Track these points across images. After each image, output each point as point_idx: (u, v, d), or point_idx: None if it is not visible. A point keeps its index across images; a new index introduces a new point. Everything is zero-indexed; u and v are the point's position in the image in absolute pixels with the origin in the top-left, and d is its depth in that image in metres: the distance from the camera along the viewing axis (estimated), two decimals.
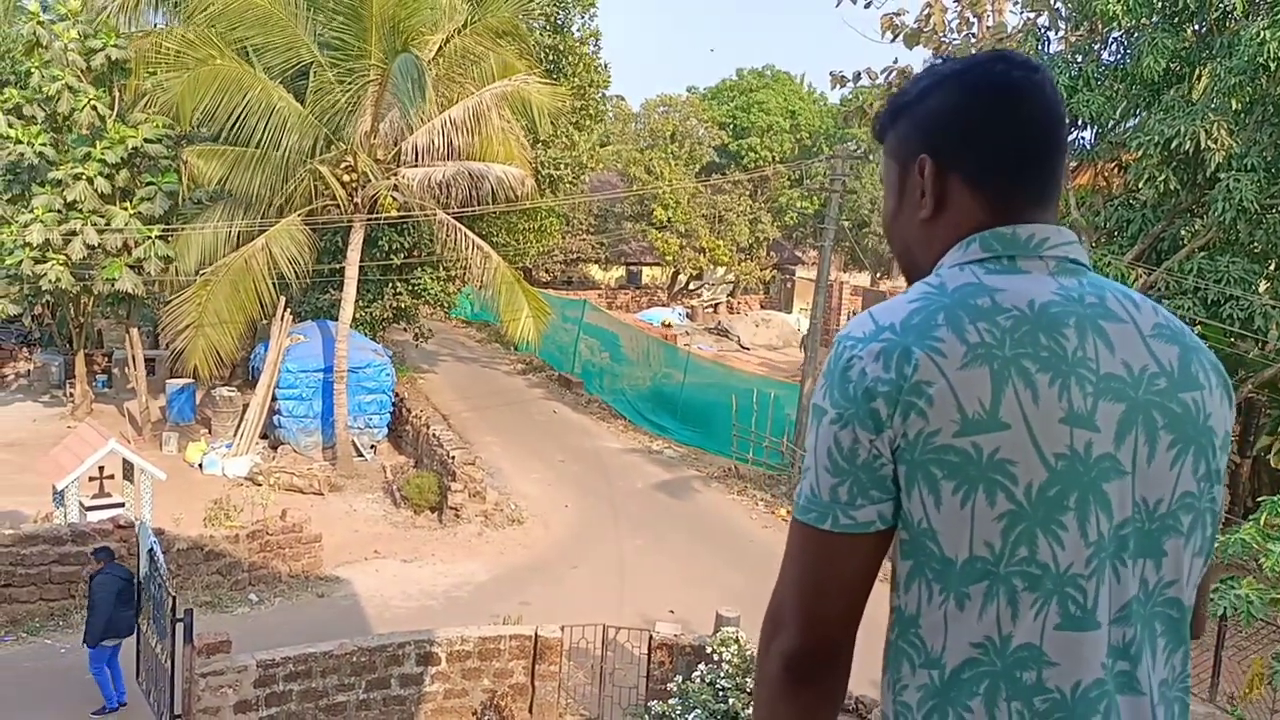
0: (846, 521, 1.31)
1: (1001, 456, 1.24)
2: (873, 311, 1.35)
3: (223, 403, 20.27)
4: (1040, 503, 1.25)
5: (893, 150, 1.49)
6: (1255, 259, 13.78)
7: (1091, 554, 1.27)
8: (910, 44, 17.84)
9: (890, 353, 1.28)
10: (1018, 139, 1.39)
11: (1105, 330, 1.31)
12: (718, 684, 9.80)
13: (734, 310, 40.99)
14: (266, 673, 9.62)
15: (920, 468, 1.27)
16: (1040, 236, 1.37)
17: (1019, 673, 1.26)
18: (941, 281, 1.35)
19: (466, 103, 18.56)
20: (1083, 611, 1.26)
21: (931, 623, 1.31)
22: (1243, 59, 11.84)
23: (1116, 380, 1.29)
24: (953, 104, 1.41)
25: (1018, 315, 1.29)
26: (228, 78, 17.39)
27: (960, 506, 1.26)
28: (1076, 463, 1.26)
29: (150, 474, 13.94)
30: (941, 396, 1.25)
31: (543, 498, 18.24)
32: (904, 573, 1.34)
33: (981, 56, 1.44)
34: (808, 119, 42.66)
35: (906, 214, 1.47)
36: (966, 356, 1.25)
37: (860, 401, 1.28)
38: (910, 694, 1.33)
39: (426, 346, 26.90)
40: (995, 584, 1.26)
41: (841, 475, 1.30)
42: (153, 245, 18.28)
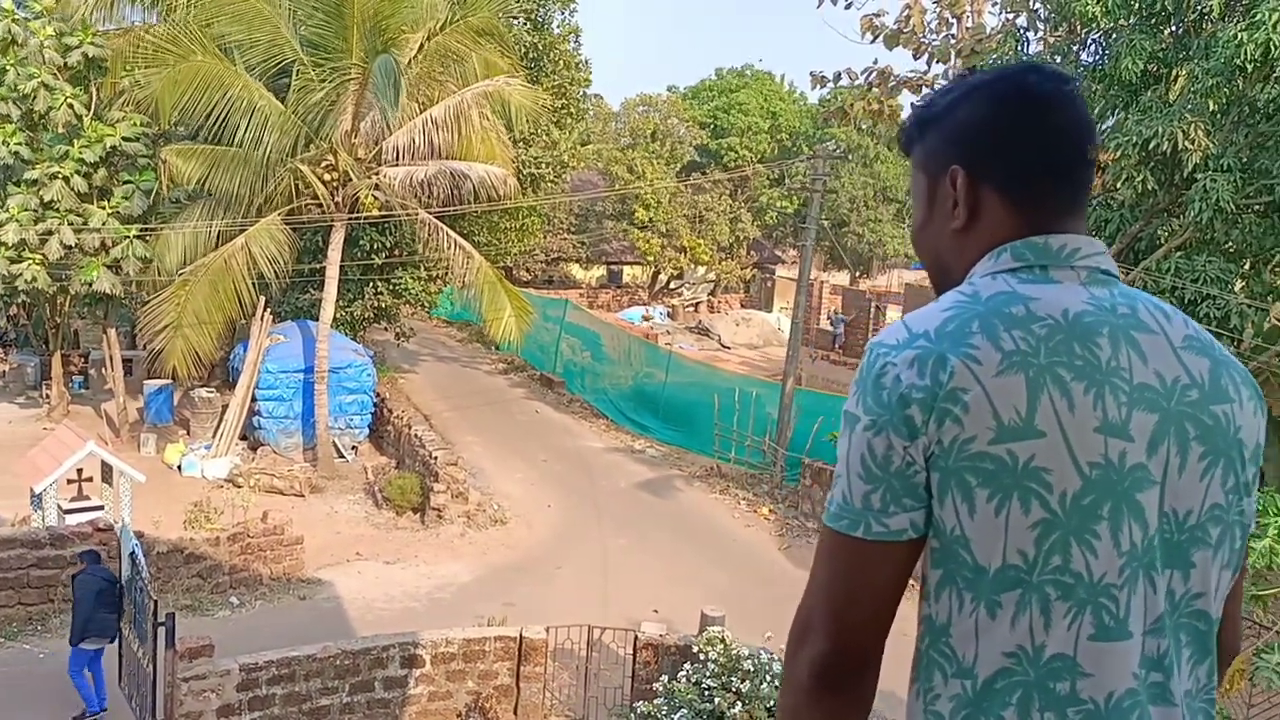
0: (879, 529, 1.30)
1: (1037, 464, 1.25)
2: (906, 320, 1.36)
3: (201, 404, 20.12)
4: (1074, 511, 1.25)
5: (921, 162, 1.50)
6: (1231, 258, 13.92)
7: (1124, 563, 1.27)
8: (890, 45, 17.88)
9: (925, 360, 1.28)
10: (1049, 149, 1.40)
11: (1138, 341, 1.32)
12: (703, 684, 9.81)
13: (714, 309, 41.05)
14: (249, 676, 9.55)
15: (954, 475, 1.27)
16: (1072, 246, 1.38)
17: (1053, 683, 1.27)
18: (975, 290, 1.36)
19: (448, 102, 18.50)
20: (1116, 621, 1.27)
21: (963, 632, 1.31)
22: (1219, 60, 11.95)
23: (1150, 391, 1.30)
24: (984, 115, 1.42)
25: (1052, 324, 1.29)
26: (208, 75, 17.23)
27: (995, 514, 1.26)
28: (1110, 472, 1.26)
29: (129, 476, 13.81)
30: (977, 403, 1.25)
31: (525, 498, 18.21)
32: (935, 581, 1.34)
33: (1012, 68, 1.45)
34: (787, 119, 42.78)
35: (937, 224, 1.48)
36: (1002, 364, 1.26)
37: (895, 408, 1.28)
38: (943, 704, 1.33)
39: (407, 346, 26.79)
40: (1028, 593, 1.26)
41: (875, 482, 1.30)
42: (131, 245, 18.10)
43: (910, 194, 1.58)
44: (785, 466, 19.49)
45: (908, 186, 38.65)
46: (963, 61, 17.37)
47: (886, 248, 39.45)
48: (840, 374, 29.44)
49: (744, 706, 9.54)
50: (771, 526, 17.64)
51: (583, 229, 39.26)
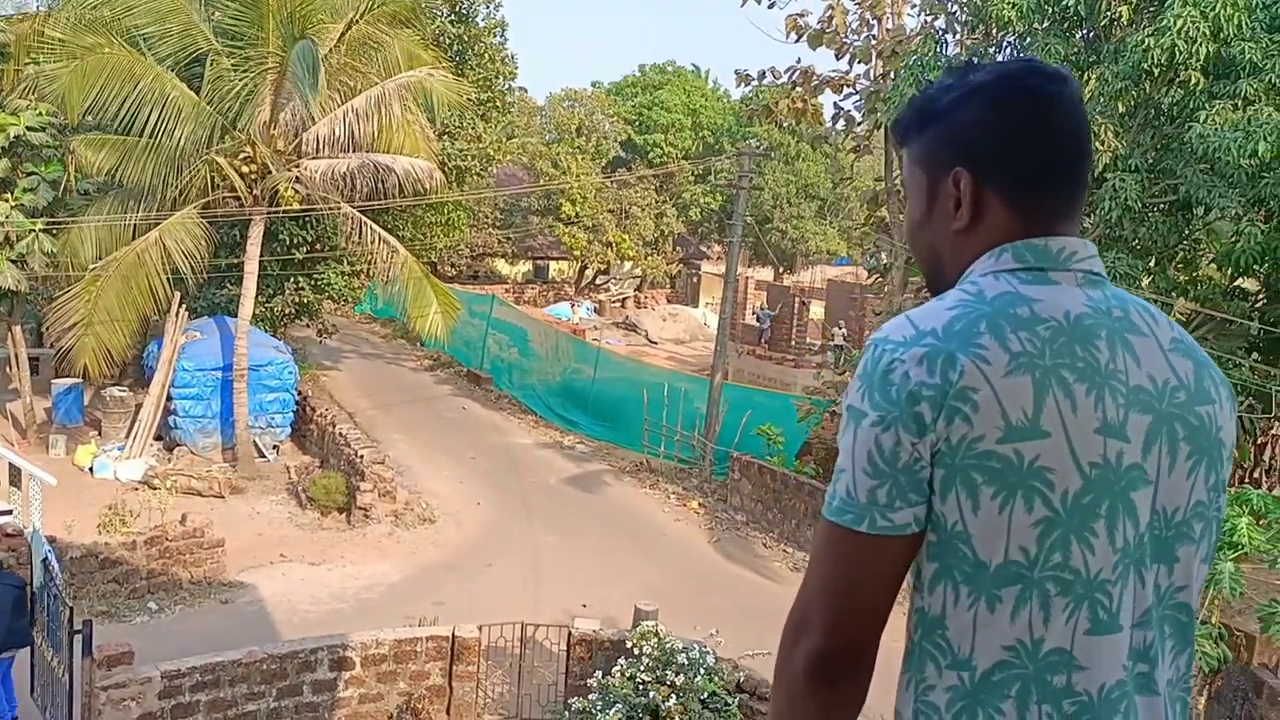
0: (884, 524, 1.32)
1: (1041, 464, 1.28)
2: (910, 316, 1.37)
3: (114, 403, 19.44)
4: (1075, 510, 1.29)
5: (920, 158, 1.51)
6: (1138, 255, 14.48)
7: (1118, 560, 1.32)
8: (814, 44, 18.20)
9: (934, 358, 1.30)
10: (1049, 152, 1.43)
11: (1131, 343, 1.36)
12: (638, 678, 9.85)
13: (641, 305, 41.18)
14: (171, 684, 9.27)
15: (960, 472, 1.29)
16: (1070, 249, 1.41)
17: (1050, 676, 1.30)
18: (980, 290, 1.38)
19: (370, 93, 18.18)
20: (1109, 615, 1.31)
21: (960, 625, 1.33)
22: (1128, 64, 12.40)
23: (1144, 393, 1.35)
24: (988, 118, 1.43)
25: (1055, 326, 1.33)
26: (118, 66, 16.59)
27: (998, 512, 1.29)
28: (1109, 472, 1.31)
29: (39, 479, 13.28)
30: (987, 403, 1.28)
31: (454, 495, 18.03)
32: (930, 574, 1.36)
33: (1013, 67, 1.46)
34: (709, 116, 43.06)
35: (937, 222, 1.49)
36: (1010, 365, 1.29)
37: (904, 405, 1.30)
38: (937, 695, 1.35)
39: (330, 343, 26.28)
40: (1028, 588, 1.30)
41: (881, 478, 1.32)
42: (36, 239, 17.39)
43: (905, 185, 1.58)
44: (714, 460, 19.67)
45: (829, 184, 39.39)
46: (883, 62, 17.76)
47: (809, 244, 40.03)
48: (767, 369, 29.81)
49: (679, 699, 9.62)
50: (701, 520, 17.78)
51: (508, 224, 38.98)
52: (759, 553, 16.48)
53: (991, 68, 1.47)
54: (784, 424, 18.72)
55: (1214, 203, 12.21)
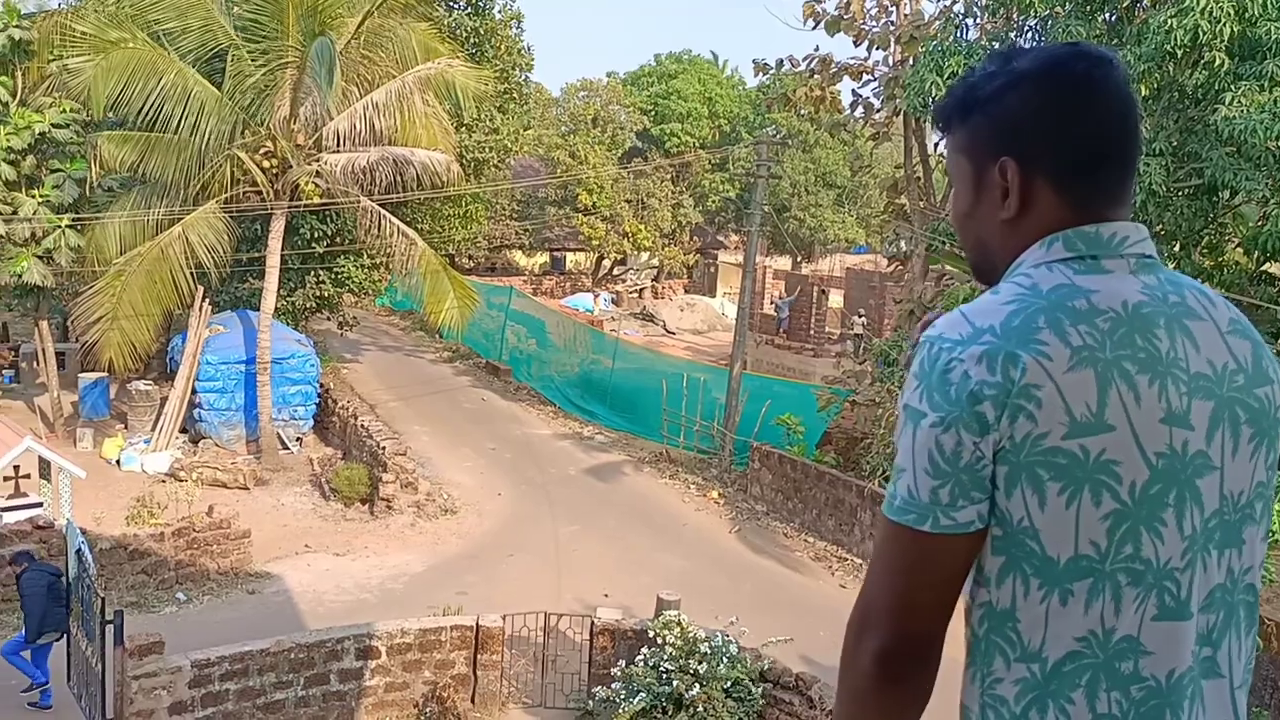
0: (947, 523, 1.32)
1: (1108, 457, 1.28)
2: (965, 312, 1.36)
3: (139, 397, 19.64)
4: (1143, 501, 1.30)
5: (965, 146, 1.49)
6: (1162, 240, 14.36)
7: (1186, 547, 1.32)
8: (831, 31, 18.11)
9: (994, 356, 1.29)
10: (1098, 137, 1.41)
11: (1190, 329, 1.36)
12: (661, 667, 9.91)
13: (658, 295, 41.16)
14: (201, 673, 9.41)
15: (1025, 469, 1.29)
16: (1121, 235, 1.39)
17: (1118, 663, 1.31)
18: (1034, 282, 1.36)
19: (389, 86, 18.23)
20: (1177, 602, 1.32)
21: (1031, 618, 1.33)
22: (1150, 46, 12.26)
23: (1204, 379, 1.35)
24: (1035, 106, 1.41)
25: (1114, 317, 1.32)
26: (141, 62, 16.75)
27: (1065, 507, 1.29)
28: (1175, 461, 1.31)
29: (69, 472, 13.46)
30: (1050, 400, 1.27)
31: (475, 486, 18.13)
32: (996, 568, 1.35)
33: (1058, 52, 1.43)
34: (725, 105, 42.90)
35: (985, 212, 1.47)
36: (1072, 360, 1.28)
37: (965, 404, 1.29)
38: (1006, 687, 1.36)
39: (350, 336, 26.43)
40: (1100, 580, 1.30)
41: (943, 477, 1.31)
42: (62, 235, 17.57)
43: (948, 174, 1.57)
44: (734, 450, 19.67)
45: (848, 172, 39.17)
46: (902, 49, 17.65)
47: (827, 232, 39.85)
48: (786, 358, 29.75)
49: (702, 688, 9.66)
50: (722, 510, 17.81)
51: (525, 215, 39.01)
52: (780, 542, 16.49)
53: (1036, 53, 1.44)
54: (804, 414, 18.70)
55: (1240, 186, 12.07)
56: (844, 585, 14.93)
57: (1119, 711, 1.31)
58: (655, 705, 9.77)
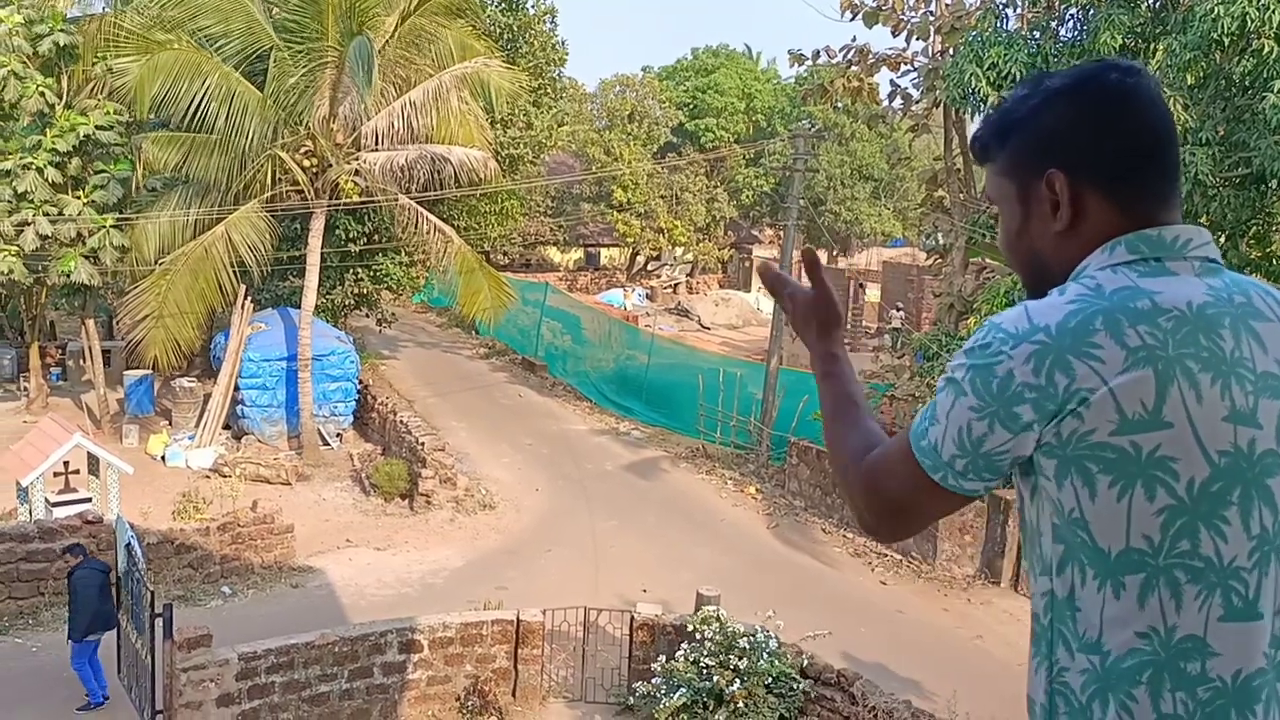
0: (954, 484, 1.42)
1: (1163, 454, 1.28)
2: (1028, 307, 1.37)
3: (183, 394, 19.97)
4: (1202, 498, 1.29)
5: (1007, 169, 1.52)
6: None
7: (1254, 547, 1.31)
8: (870, 22, 17.95)
9: (1043, 358, 1.31)
10: (1140, 144, 1.43)
11: (1256, 330, 1.36)
12: (701, 662, 9.91)
13: (693, 290, 41.10)
14: (248, 665, 9.55)
15: (1073, 462, 1.31)
16: (1185, 238, 1.40)
17: (1183, 663, 1.30)
18: (1098, 284, 1.37)
19: (426, 85, 18.35)
20: (1245, 603, 1.31)
21: (1090, 609, 1.35)
22: (1197, 34, 12.04)
23: (1273, 378, 1.35)
24: (1073, 118, 1.44)
25: (1178, 316, 1.32)
26: (186, 63, 17.00)
27: (1116, 500, 1.30)
28: (1240, 459, 1.31)
29: (117, 468, 13.70)
30: (1101, 401, 1.29)
31: (513, 481, 18.23)
32: (1057, 556, 1.37)
33: (1088, 67, 1.47)
34: (762, 99, 42.70)
35: (1037, 228, 1.49)
36: (1127, 361, 1.29)
37: (1005, 401, 1.33)
38: (1072, 677, 1.37)
39: (387, 332, 26.67)
40: (1154, 575, 1.30)
41: (964, 453, 1.38)
42: (107, 235, 17.88)
43: (994, 200, 1.59)
44: (771, 445, 19.61)
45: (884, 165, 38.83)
46: (942, 39, 17.45)
47: (863, 226, 39.55)
48: None
49: (742, 684, 9.65)
50: (759, 505, 17.76)
51: (559, 211, 39.10)
52: (818, 538, 16.42)
53: (1065, 72, 1.49)
54: None
55: None
56: (884, 582, 14.85)
57: (1184, 712, 1.30)
58: (696, 701, 9.78)
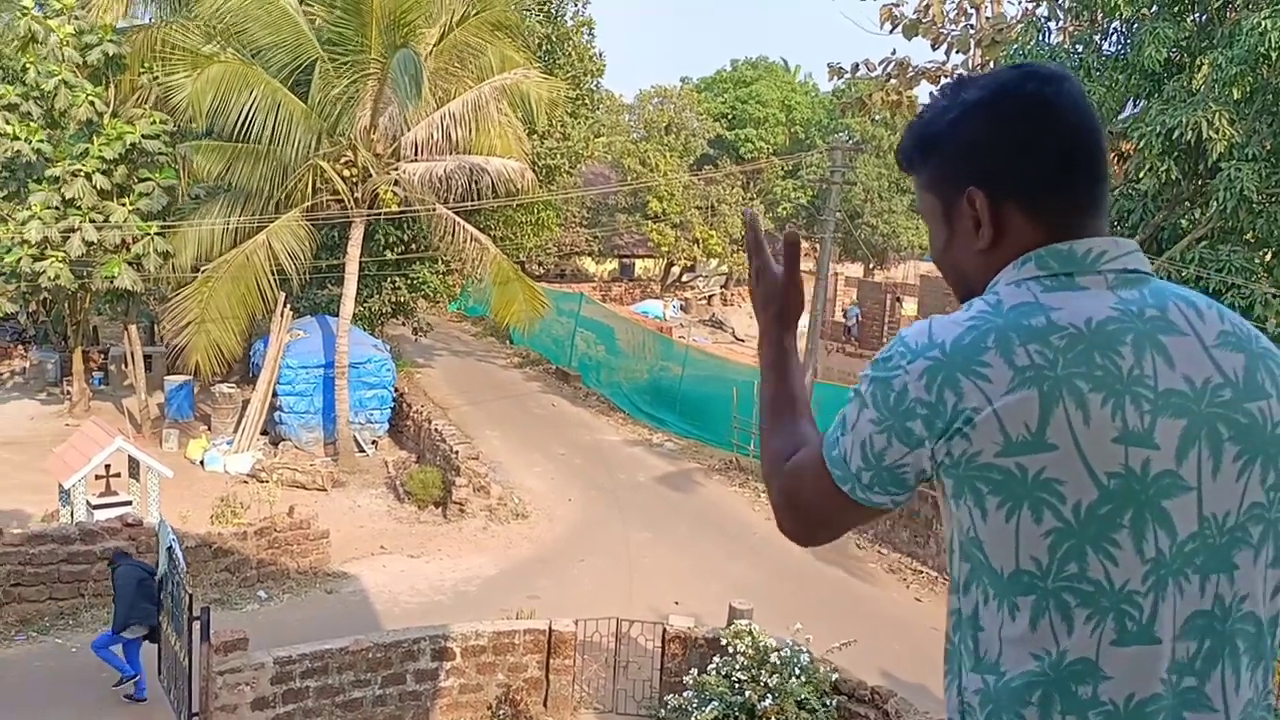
0: (862, 496, 1.41)
1: (1048, 476, 1.25)
2: (932, 322, 1.36)
3: (222, 399, 20.24)
4: (1090, 521, 1.25)
5: (930, 184, 1.49)
6: (1253, 248, 13.85)
7: (1149, 570, 1.27)
8: (909, 35, 17.89)
9: (934, 375, 1.30)
10: (1061, 155, 1.39)
11: (1165, 345, 1.30)
12: (733, 676, 9.86)
13: (727, 302, 41.05)
14: (283, 670, 9.63)
15: (966, 482, 1.30)
16: (1098, 250, 1.36)
17: (1073, 685, 1.27)
18: (999, 299, 1.35)
19: (466, 96, 18.51)
20: (1139, 627, 1.27)
21: (989, 629, 1.33)
22: (1243, 49, 11.88)
23: (1177, 395, 1.29)
24: (991, 132, 1.40)
25: (1072, 334, 1.28)
26: (234, 75, 17.28)
27: (1005, 521, 1.28)
28: (1132, 481, 1.25)
29: (157, 471, 13.90)
30: (985, 422, 1.26)
31: (546, 491, 18.27)
32: (963, 575, 1.36)
33: (1005, 76, 1.43)
34: (800, 111, 42.66)
35: (960, 245, 1.46)
36: (1014, 381, 1.26)
37: (899, 416, 1.32)
38: (970, 696, 1.35)
39: (422, 341, 26.86)
40: (1044, 597, 1.27)
41: (868, 465, 1.38)
42: (151, 241, 18.20)
43: (921, 214, 1.56)
44: None
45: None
46: (983, 52, 17.36)
47: (900, 239, 39.31)
48: (857, 366, 29.41)
49: (774, 699, 9.59)
50: None
51: (595, 222, 39.25)
52: (851, 553, 16.29)
53: (984, 80, 1.44)
54: None
55: None
56: (919, 599, 14.69)
57: None
58: (727, 715, 9.71)
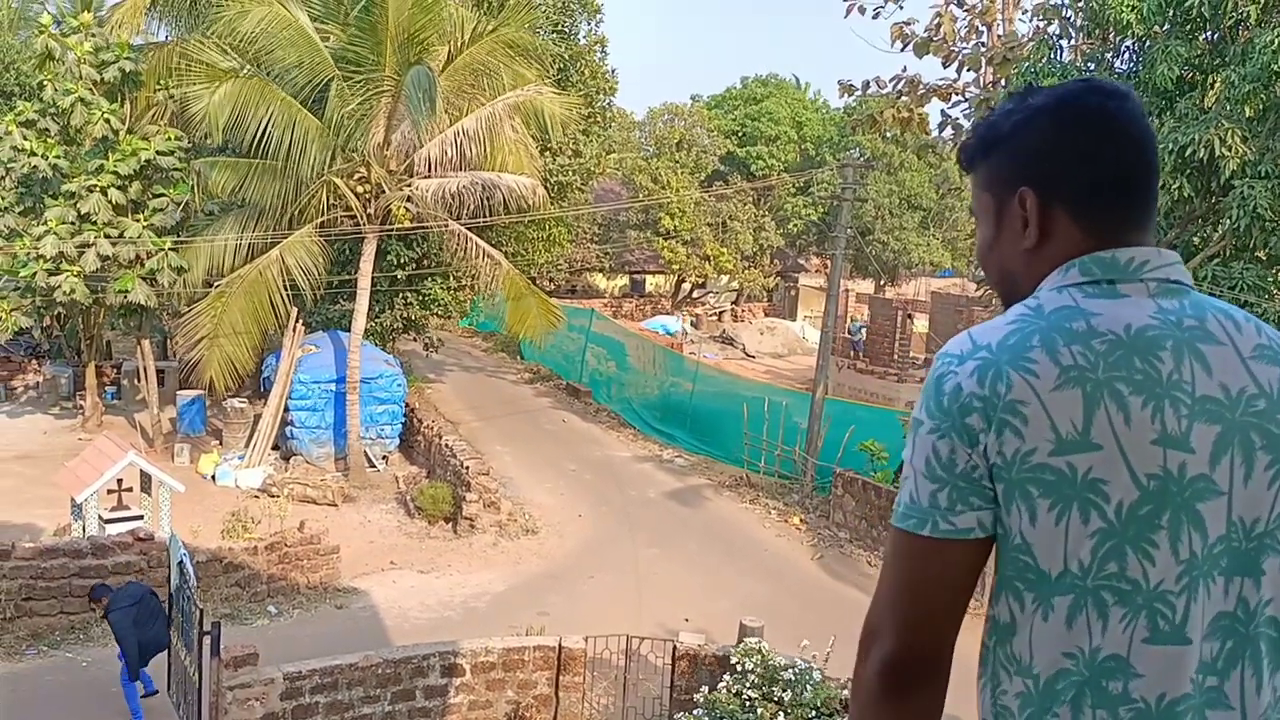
0: (946, 527, 1.36)
1: (1095, 476, 1.29)
2: (972, 331, 1.41)
3: (234, 414, 20.30)
4: (1131, 521, 1.30)
5: (986, 182, 1.54)
6: (1268, 265, 13.79)
7: (1183, 571, 1.31)
8: (920, 53, 17.92)
9: (985, 371, 1.34)
10: (1115, 167, 1.44)
11: (1203, 353, 1.35)
12: (744, 694, 9.80)
13: (738, 318, 41.04)
14: (293, 685, 9.61)
15: (1017, 486, 1.32)
16: (1140, 259, 1.41)
17: (1105, 682, 1.31)
18: (1039, 304, 1.41)
19: (479, 113, 18.60)
20: (1171, 626, 1.30)
21: (1024, 632, 1.36)
22: (1256, 66, 11.88)
23: (1213, 402, 1.33)
24: (1051, 137, 1.46)
25: (1113, 339, 1.33)
26: (251, 92, 17.42)
27: (1055, 524, 1.31)
28: (1170, 483, 1.30)
29: (169, 486, 13.94)
30: (1036, 416, 1.30)
31: (556, 507, 18.24)
32: (999, 583, 1.39)
33: (1073, 87, 1.48)
34: (811, 128, 42.76)
35: (1007, 243, 1.51)
36: (1060, 379, 1.31)
37: (956, 415, 1.35)
38: (1009, 699, 1.38)
39: (433, 356, 26.92)
40: (1082, 597, 1.31)
41: (940, 482, 1.36)
42: (165, 257, 18.31)
43: (974, 213, 1.61)
44: (816, 476, 19.44)
45: (934, 194, 38.58)
46: (994, 70, 17.37)
47: (911, 256, 39.27)
48: (868, 383, 29.33)
49: (786, 717, 9.52)
50: (803, 536, 17.59)
51: (606, 238, 39.35)
52: (864, 570, 16.20)
53: (1052, 89, 1.49)
54: (888, 440, 18.38)
55: None
56: None
57: None
58: None
